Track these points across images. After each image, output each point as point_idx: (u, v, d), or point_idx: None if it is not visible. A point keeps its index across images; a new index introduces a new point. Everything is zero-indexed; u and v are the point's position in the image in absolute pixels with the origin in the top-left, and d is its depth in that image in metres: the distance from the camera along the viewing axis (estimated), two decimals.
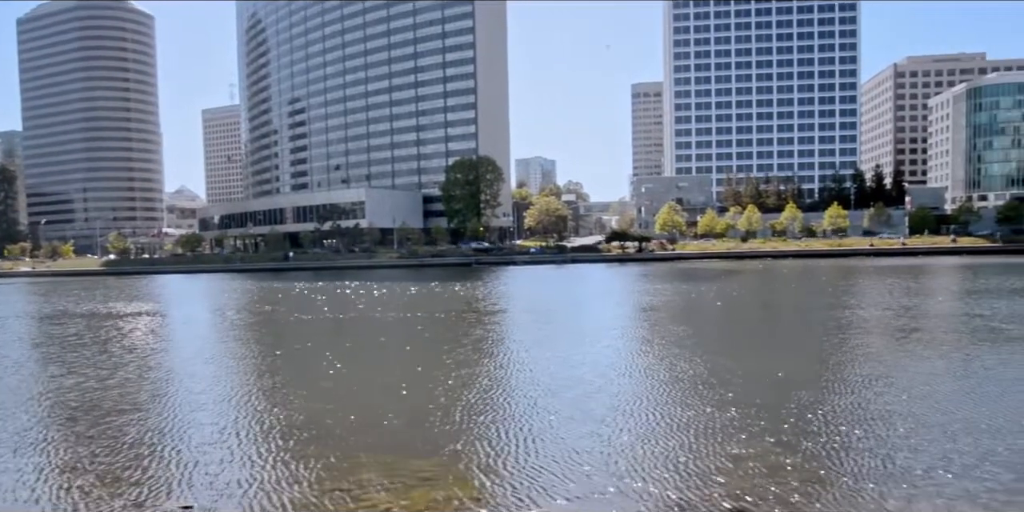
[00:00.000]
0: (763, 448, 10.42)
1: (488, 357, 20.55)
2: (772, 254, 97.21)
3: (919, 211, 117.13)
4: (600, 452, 10.65)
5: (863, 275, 57.63)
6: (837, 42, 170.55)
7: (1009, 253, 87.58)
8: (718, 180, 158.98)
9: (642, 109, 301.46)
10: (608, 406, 13.53)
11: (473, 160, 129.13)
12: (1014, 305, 30.41)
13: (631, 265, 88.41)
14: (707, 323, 28.96)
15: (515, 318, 32.93)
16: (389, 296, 45.28)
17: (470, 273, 76.88)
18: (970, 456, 9.78)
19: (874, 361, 17.84)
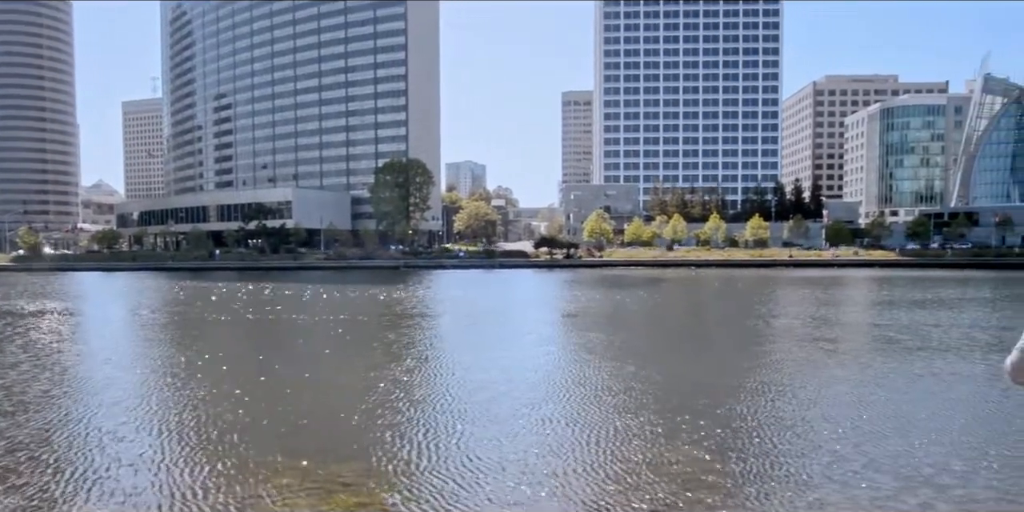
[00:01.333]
0: (680, 453, 10.57)
1: (412, 361, 20.25)
2: (696, 263, 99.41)
3: (835, 224, 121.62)
4: (522, 456, 10.53)
5: (782, 285, 59.50)
6: (761, 59, 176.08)
7: (916, 266, 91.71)
8: (645, 189, 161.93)
9: (572, 117, 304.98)
10: (531, 411, 13.44)
11: (403, 162, 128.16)
12: (912, 316, 31.86)
13: (559, 271, 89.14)
14: (632, 330, 29.37)
15: (441, 322, 32.69)
16: (313, 298, 44.49)
17: (398, 276, 76.26)
18: (851, 462, 10.09)
19: (784, 369, 18.35)
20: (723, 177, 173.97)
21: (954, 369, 17.88)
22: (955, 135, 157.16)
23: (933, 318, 30.70)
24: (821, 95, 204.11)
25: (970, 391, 15.31)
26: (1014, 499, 8.45)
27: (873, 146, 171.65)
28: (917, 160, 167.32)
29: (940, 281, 60.07)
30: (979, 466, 9.71)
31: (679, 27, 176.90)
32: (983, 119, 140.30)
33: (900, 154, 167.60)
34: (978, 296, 43.90)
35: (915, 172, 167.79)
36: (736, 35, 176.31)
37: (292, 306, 38.80)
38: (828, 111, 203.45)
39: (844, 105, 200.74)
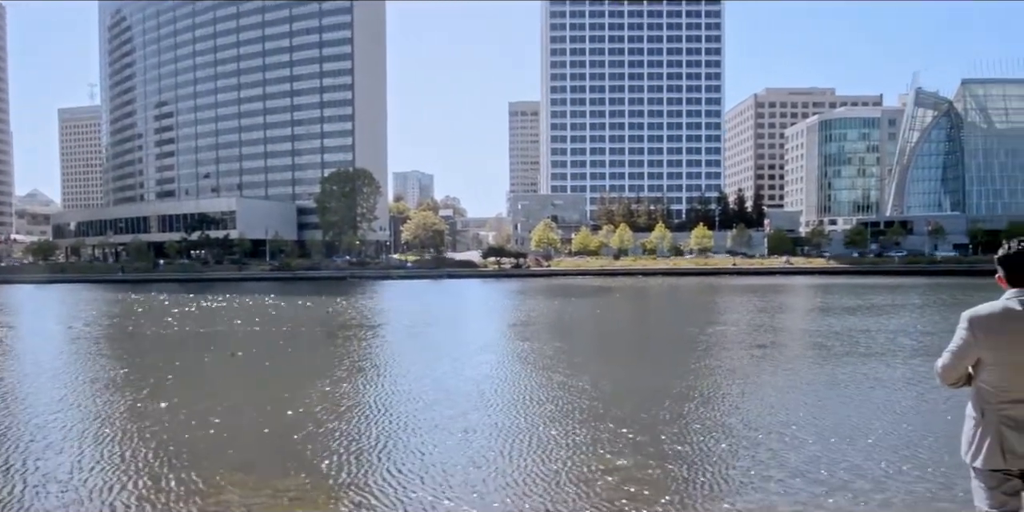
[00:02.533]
0: (601, 461, 10.71)
1: (357, 372, 20.14)
2: (643, 271, 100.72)
3: (776, 233, 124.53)
4: (470, 466, 10.59)
5: (725, 292, 60.70)
6: (703, 71, 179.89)
7: (854, 274, 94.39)
8: (592, 199, 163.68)
9: (519, 127, 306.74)
10: (479, 420, 13.51)
11: (349, 172, 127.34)
12: (843, 322, 32.96)
13: (508, 281, 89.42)
14: (575, 339, 29.69)
15: (388, 333, 32.51)
16: (258, 309, 43.88)
17: (345, 287, 75.63)
18: (770, 467, 10.37)
19: (715, 375, 18.78)
20: (668, 187, 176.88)
21: (877, 374, 18.46)
22: (889, 146, 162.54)
23: (862, 324, 31.75)
24: (762, 107, 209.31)
25: (888, 395, 15.79)
26: (928, 503, 8.79)
27: (812, 157, 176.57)
28: (854, 171, 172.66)
29: (874, 288, 62.06)
30: (897, 469, 10.04)
31: (624, 39, 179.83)
32: (915, 131, 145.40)
33: (838, 165, 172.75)
34: (907, 302, 45.49)
35: (852, 182, 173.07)
36: (680, 48, 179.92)
37: (233, 317, 38.23)
38: (769, 123, 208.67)
39: (784, 117, 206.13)
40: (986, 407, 3.74)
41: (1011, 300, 3.66)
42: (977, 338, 3.66)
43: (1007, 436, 3.64)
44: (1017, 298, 3.65)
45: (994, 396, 3.71)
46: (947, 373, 3.81)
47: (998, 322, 3.63)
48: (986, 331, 3.65)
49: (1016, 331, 3.60)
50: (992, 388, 3.71)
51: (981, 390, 3.77)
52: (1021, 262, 3.66)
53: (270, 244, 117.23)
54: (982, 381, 3.74)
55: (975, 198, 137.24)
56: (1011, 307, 3.62)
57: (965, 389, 3.98)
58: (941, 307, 41.41)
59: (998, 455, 3.66)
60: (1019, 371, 3.63)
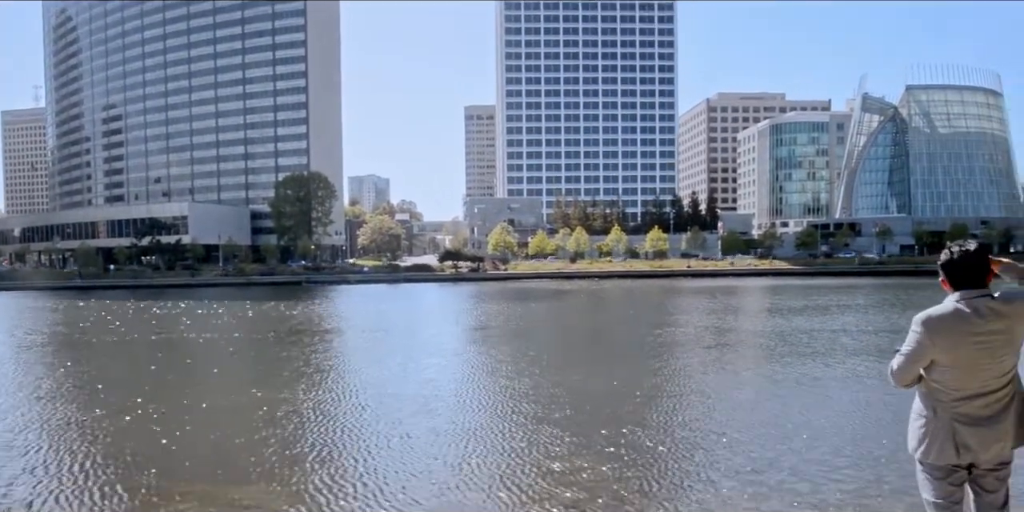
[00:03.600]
0: (589, 461, 10.81)
1: (311, 378, 19.83)
2: (599, 274, 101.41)
3: (730, 235, 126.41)
4: (430, 469, 10.63)
5: (679, 295, 61.41)
6: (657, 76, 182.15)
7: (805, 275, 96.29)
8: (548, 202, 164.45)
9: (475, 131, 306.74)
10: (439, 423, 13.52)
11: (304, 176, 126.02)
12: (789, 323, 33.68)
13: (465, 284, 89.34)
14: (536, 342, 29.75)
15: (345, 338, 32.27)
16: (209, 316, 43.21)
17: (300, 292, 74.80)
18: (710, 469, 10.61)
19: (674, 376, 19.15)
20: (623, 190, 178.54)
21: (815, 373, 18.88)
22: (838, 150, 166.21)
23: (808, 324, 32.49)
24: (714, 111, 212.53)
25: (825, 395, 16.16)
26: (861, 501, 8.97)
27: (764, 160, 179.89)
28: (804, 174, 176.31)
29: (823, 289, 63.37)
30: (831, 466, 10.28)
31: (578, 43, 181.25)
32: (862, 136, 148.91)
33: (789, 168, 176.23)
34: (852, 303, 46.53)
35: (803, 185, 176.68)
36: (633, 53, 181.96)
37: (185, 324, 37.59)
38: (721, 127, 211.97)
39: (736, 121, 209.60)
40: (938, 405, 3.86)
41: (959, 302, 3.78)
42: (932, 340, 3.77)
43: (960, 431, 3.78)
44: (966, 301, 3.77)
45: (947, 395, 3.83)
46: (902, 375, 3.91)
47: (950, 324, 3.75)
48: (940, 333, 3.76)
49: (966, 332, 3.72)
50: (945, 387, 3.83)
51: (933, 389, 3.89)
52: (962, 267, 3.79)
53: (223, 249, 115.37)
54: (934, 381, 3.86)
55: (920, 200, 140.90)
56: (960, 309, 3.75)
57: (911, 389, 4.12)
58: (883, 307, 42.51)
59: (951, 450, 3.79)
60: (971, 370, 3.77)
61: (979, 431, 3.77)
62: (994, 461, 3.85)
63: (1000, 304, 3.73)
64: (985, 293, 3.77)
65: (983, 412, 3.78)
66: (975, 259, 3.78)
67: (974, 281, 3.78)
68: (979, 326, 3.70)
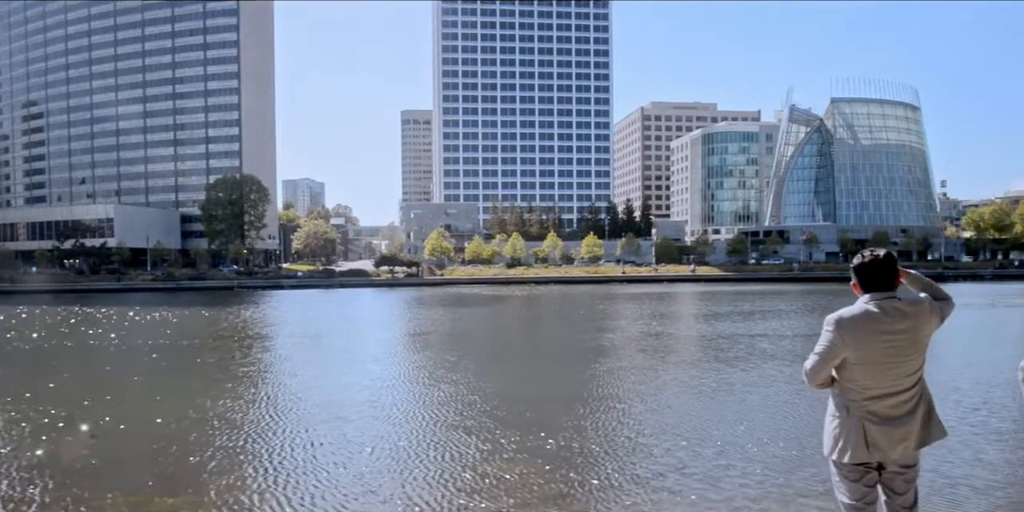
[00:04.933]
0: (528, 466, 10.89)
1: (242, 385, 19.45)
2: (535, 280, 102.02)
3: (663, 242, 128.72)
4: (364, 476, 10.58)
5: (617, 300, 62.22)
6: (593, 84, 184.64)
7: (735, 281, 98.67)
8: (485, 208, 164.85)
9: (412, 135, 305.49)
10: (374, 431, 13.44)
11: (237, 179, 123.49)
12: (712, 328, 34.70)
13: (401, 290, 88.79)
14: (473, 348, 29.80)
15: (278, 343, 31.73)
16: (137, 322, 41.92)
17: (232, 297, 73.21)
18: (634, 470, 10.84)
19: (606, 381, 19.41)
20: (559, 196, 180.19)
21: (730, 379, 19.35)
22: (767, 160, 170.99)
23: (731, 330, 33.42)
24: (648, 120, 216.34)
25: (738, 400, 16.51)
26: (767, 506, 9.19)
27: (696, 169, 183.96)
28: (735, 182, 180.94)
29: (750, 295, 64.99)
30: (741, 471, 10.49)
31: (515, 50, 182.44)
32: (790, 146, 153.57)
33: (720, 177, 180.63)
34: (775, 308, 47.73)
35: (734, 193, 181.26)
36: (569, 61, 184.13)
37: (107, 330, 36.37)
38: (655, 135, 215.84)
39: (669, 130, 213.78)
40: (851, 404, 4.01)
41: (869, 304, 3.98)
42: (844, 339, 3.94)
43: (870, 430, 3.94)
44: (876, 302, 3.97)
45: (858, 394, 3.99)
46: (815, 374, 4.06)
47: (861, 324, 3.93)
48: (851, 333, 3.93)
49: (875, 331, 3.91)
50: (856, 386, 4.00)
51: (845, 388, 4.04)
52: (872, 271, 4.01)
53: (152, 253, 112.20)
54: (846, 380, 4.02)
55: (844, 209, 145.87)
56: (871, 310, 3.95)
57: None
58: (804, 313, 43.90)
59: (863, 449, 3.95)
60: (880, 369, 3.95)
61: (887, 430, 3.94)
62: (901, 462, 4.03)
63: (905, 305, 3.96)
64: (892, 295, 4.00)
65: (892, 412, 3.97)
66: (884, 264, 4.00)
67: (883, 284, 4.00)
68: (887, 325, 3.91)
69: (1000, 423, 13.04)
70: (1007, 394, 15.85)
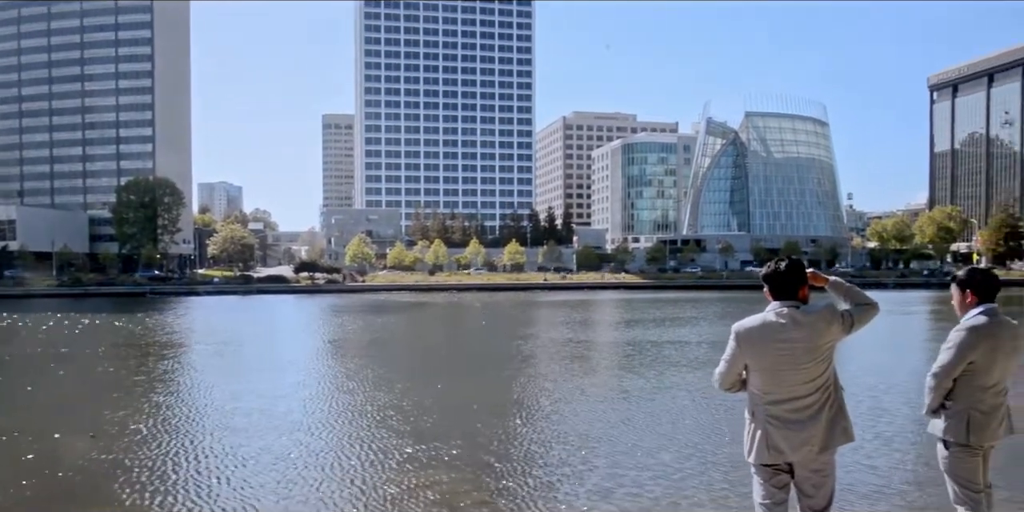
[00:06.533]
0: (458, 473, 11.07)
1: (153, 395, 19.03)
2: (458, 287, 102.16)
3: (584, 250, 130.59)
4: (288, 488, 10.54)
5: (538, 307, 62.97)
6: (516, 92, 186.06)
7: (654, 288, 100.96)
8: (407, 214, 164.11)
9: (333, 140, 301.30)
10: (296, 441, 13.32)
11: (150, 181, 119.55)
12: (625, 334, 35.80)
13: (322, 296, 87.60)
14: (394, 355, 29.70)
15: (192, 352, 30.91)
16: (38, 329, 40.13)
17: (145, 304, 70.96)
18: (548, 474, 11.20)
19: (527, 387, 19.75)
20: (482, 203, 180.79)
21: (628, 386, 19.94)
22: (685, 171, 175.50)
23: (640, 337, 34.38)
24: (570, 129, 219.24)
25: (633, 406, 16.95)
26: (674, 510, 9.57)
27: (616, 178, 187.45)
28: (654, 192, 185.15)
29: (665, 302, 66.48)
30: (636, 482, 10.73)
31: (439, 57, 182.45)
32: (706, 157, 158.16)
33: (639, 186, 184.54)
34: (684, 315, 49.01)
35: (653, 203, 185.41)
36: (493, 68, 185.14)
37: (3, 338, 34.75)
38: (577, 144, 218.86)
39: (591, 139, 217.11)
40: (755, 408, 4.19)
41: (770, 313, 4.12)
42: (741, 347, 4.13)
43: (771, 433, 4.09)
44: (775, 311, 4.11)
45: (760, 398, 4.16)
46: (722, 379, 4.27)
47: (757, 332, 4.09)
48: (747, 341, 4.11)
49: (769, 339, 4.05)
50: (757, 391, 4.17)
51: (750, 393, 4.23)
52: (780, 279, 4.15)
53: (58, 257, 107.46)
54: (751, 384, 4.21)
55: (758, 219, 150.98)
56: (769, 319, 4.10)
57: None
58: (712, 320, 45.35)
59: (765, 451, 4.12)
60: (777, 376, 4.09)
61: (787, 433, 4.07)
62: (809, 465, 4.16)
63: (801, 315, 4.06)
64: (795, 304, 4.11)
65: (792, 416, 4.09)
66: (786, 273, 4.14)
67: (787, 293, 4.13)
68: (780, 334, 4.04)
69: (889, 429, 13.71)
70: (898, 400, 16.89)
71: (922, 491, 10.16)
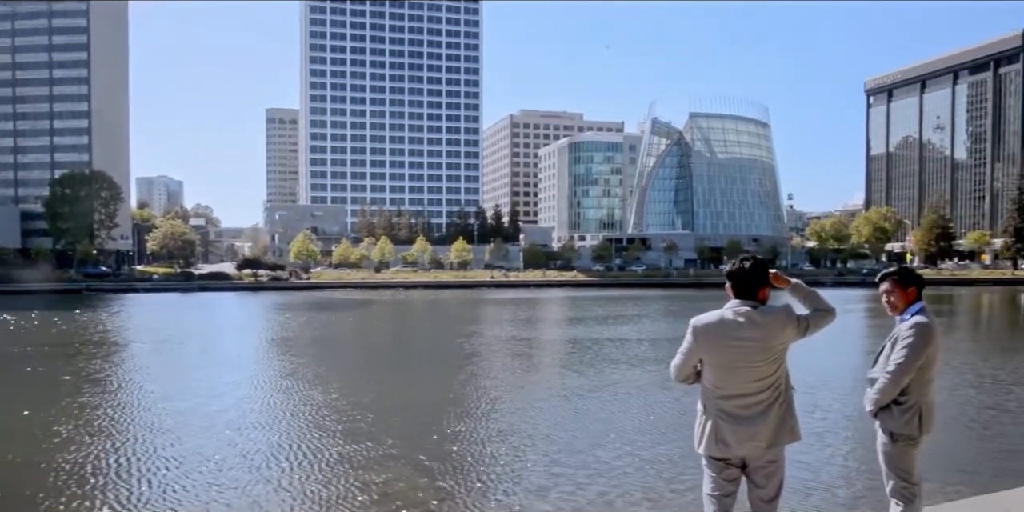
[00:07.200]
0: (393, 473, 11.00)
1: (91, 395, 18.49)
2: (404, 284, 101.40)
3: (531, 248, 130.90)
4: (214, 491, 10.36)
5: (485, 305, 62.94)
6: (463, 90, 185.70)
7: (600, 286, 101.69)
8: (353, 211, 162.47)
9: (277, 135, 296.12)
10: (227, 442, 13.08)
11: (86, 174, 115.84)
12: (571, 333, 35.94)
13: (265, 294, 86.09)
14: (340, 354, 29.46)
15: (126, 350, 30.11)
16: None
17: (81, 301, 68.84)
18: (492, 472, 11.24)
19: (467, 386, 19.78)
20: (429, 200, 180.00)
21: (572, 383, 20.14)
22: (630, 170, 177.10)
23: (582, 334, 34.68)
24: (517, 127, 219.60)
25: (570, 404, 17.13)
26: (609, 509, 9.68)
27: (563, 177, 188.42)
28: (600, 191, 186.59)
29: (609, 300, 67.10)
30: (574, 481, 10.85)
31: (386, 53, 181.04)
32: (652, 157, 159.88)
33: (586, 185, 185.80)
34: (626, 313, 49.44)
35: (599, 201, 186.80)
36: (440, 65, 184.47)
37: None
38: (524, 142, 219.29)
39: (538, 138, 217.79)
40: (707, 402, 4.26)
41: (728, 310, 4.17)
42: (698, 342, 4.18)
43: (720, 427, 4.17)
44: (733, 309, 4.16)
45: (711, 392, 4.24)
46: (677, 371, 4.33)
47: (713, 328, 4.15)
48: (703, 336, 4.17)
49: (725, 336, 4.12)
50: (710, 385, 4.24)
51: (703, 386, 4.30)
52: (743, 278, 4.20)
53: None
54: (704, 379, 4.27)
55: (702, 219, 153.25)
56: (727, 317, 4.15)
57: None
58: (655, 317, 46.00)
59: (713, 443, 4.19)
60: (729, 371, 4.16)
61: (735, 428, 4.15)
62: (758, 458, 4.24)
63: (758, 315, 4.13)
64: (753, 304, 4.17)
65: (741, 412, 4.17)
66: (748, 273, 4.21)
67: (747, 293, 4.19)
68: (735, 331, 4.10)
69: (821, 425, 14.10)
70: (830, 397, 17.36)
71: (851, 487, 10.43)
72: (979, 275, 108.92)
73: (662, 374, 21.61)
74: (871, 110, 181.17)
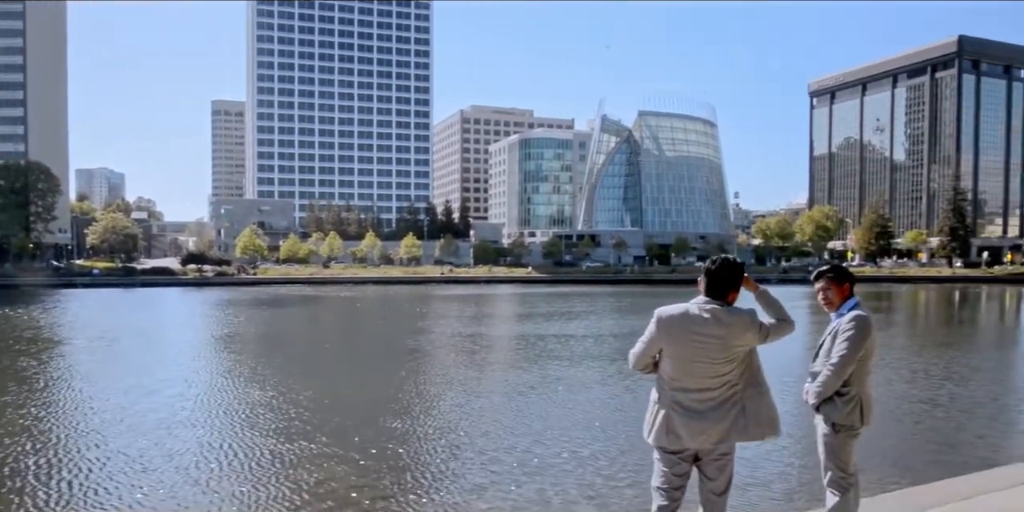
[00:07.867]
0: (327, 472, 10.84)
1: (27, 394, 17.86)
2: (353, 280, 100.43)
3: (482, 244, 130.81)
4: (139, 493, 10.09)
5: (436, 301, 62.62)
6: (413, 84, 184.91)
7: (550, 282, 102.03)
8: (301, 206, 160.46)
9: (223, 127, 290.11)
10: (154, 442, 12.73)
11: (21, 165, 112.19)
12: (522, 328, 36.06)
13: (211, 290, 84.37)
14: (287, 351, 28.85)
15: (58, 348, 29.06)
16: None
17: (15, 297, 66.46)
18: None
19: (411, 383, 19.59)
20: (378, 196, 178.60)
21: (515, 380, 20.15)
22: (580, 167, 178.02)
23: (529, 331, 34.87)
24: (468, 123, 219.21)
25: (513, 402, 17.10)
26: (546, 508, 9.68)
27: (514, 173, 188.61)
28: (550, 188, 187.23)
29: (557, 296, 67.49)
30: (515, 478, 10.85)
31: (335, 46, 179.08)
32: (601, 154, 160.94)
33: (536, 181, 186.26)
34: (574, 310, 49.65)
35: (549, 198, 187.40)
36: (390, 60, 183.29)
37: None
38: (474, 138, 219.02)
39: (488, 134, 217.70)
40: (662, 392, 4.32)
41: (693, 305, 4.25)
42: (660, 332, 4.24)
43: (673, 418, 4.23)
44: (699, 304, 4.24)
45: (667, 383, 4.30)
46: (636, 359, 4.38)
47: (677, 321, 4.21)
48: (667, 328, 4.23)
49: (688, 330, 4.18)
50: (667, 376, 4.30)
51: (659, 377, 4.36)
52: (718, 277, 4.30)
53: None
54: (661, 370, 4.33)
55: (650, 216, 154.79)
56: (692, 312, 4.22)
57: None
58: (602, 313, 46.30)
59: (664, 435, 4.25)
60: (686, 364, 4.23)
61: (687, 421, 4.21)
62: (711, 451, 4.31)
63: (724, 313, 4.21)
64: (720, 303, 4.27)
65: (694, 405, 4.23)
66: (726, 274, 4.32)
67: (718, 292, 4.29)
68: (699, 327, 4.18)
69: None
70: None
71: (787, 481, 10.55)
72: (916, 273, 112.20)
73: (604, 370, 21.77)
74: (814, 111, 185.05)
